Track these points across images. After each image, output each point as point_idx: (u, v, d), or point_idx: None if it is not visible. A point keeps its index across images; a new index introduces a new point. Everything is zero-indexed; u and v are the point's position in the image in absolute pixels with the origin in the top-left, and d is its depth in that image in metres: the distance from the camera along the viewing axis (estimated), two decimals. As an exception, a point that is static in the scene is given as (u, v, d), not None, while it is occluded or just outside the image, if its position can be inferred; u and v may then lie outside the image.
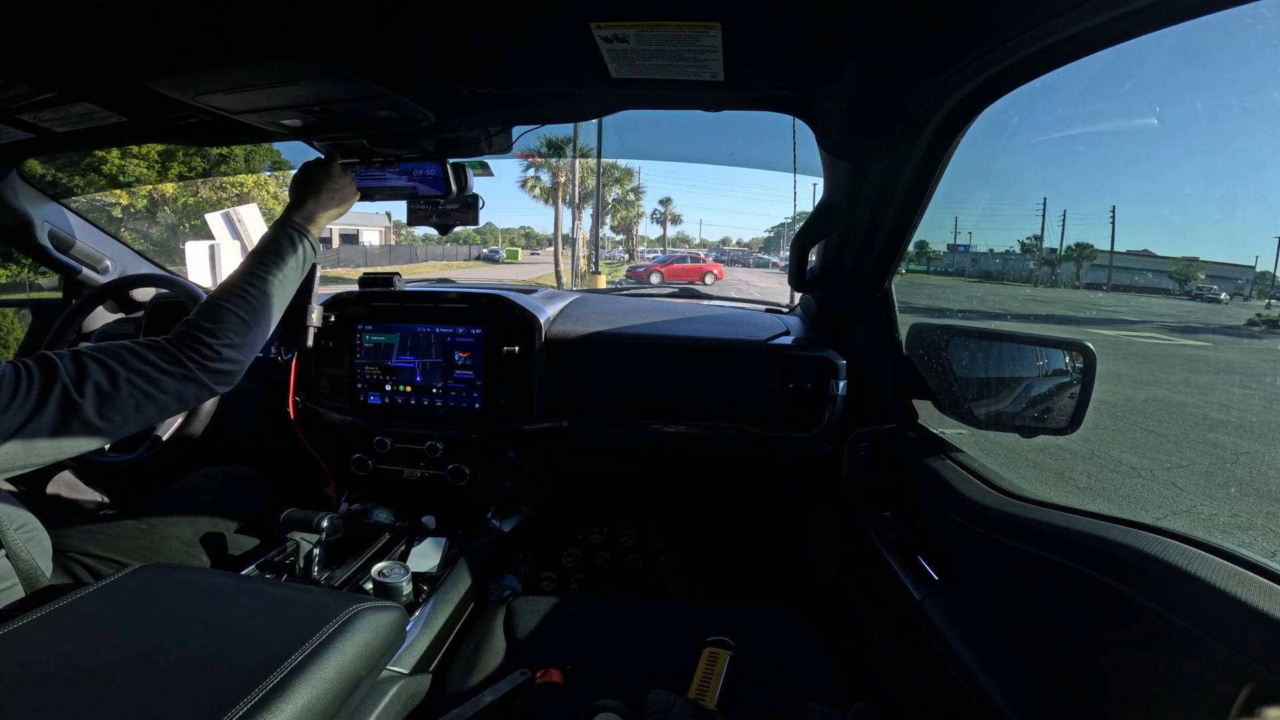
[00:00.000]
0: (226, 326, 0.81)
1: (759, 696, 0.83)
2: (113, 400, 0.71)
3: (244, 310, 0.83)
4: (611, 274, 22.21)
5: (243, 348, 0.83)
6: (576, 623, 0.98)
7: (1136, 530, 0.61)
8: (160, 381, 0.75)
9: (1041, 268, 20.16)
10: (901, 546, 1.00)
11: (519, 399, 1.31)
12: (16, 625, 0.68)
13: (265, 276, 0.88)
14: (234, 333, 0.81)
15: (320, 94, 0.85)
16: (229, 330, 0.81)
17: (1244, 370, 6.92)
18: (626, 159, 42.86)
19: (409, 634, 0.94)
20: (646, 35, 0.69)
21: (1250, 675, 0.45)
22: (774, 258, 36.23)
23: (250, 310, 0.84)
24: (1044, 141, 42.57)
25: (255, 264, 0.88)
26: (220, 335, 0.80)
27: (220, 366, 0.80)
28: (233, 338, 0.81)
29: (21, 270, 10.13)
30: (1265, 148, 21.30)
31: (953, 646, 0.74)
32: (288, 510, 1.12)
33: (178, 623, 0.72)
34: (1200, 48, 28.60)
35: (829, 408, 1.23)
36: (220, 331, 0.80)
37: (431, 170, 1.09)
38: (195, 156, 12.16)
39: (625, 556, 1.68)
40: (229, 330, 0.81)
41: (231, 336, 0.81)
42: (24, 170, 1.38)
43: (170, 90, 0.83)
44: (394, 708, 0.82)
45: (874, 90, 0.77)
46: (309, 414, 1.39)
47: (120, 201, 12.63)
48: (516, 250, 41.89)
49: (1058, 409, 0.94)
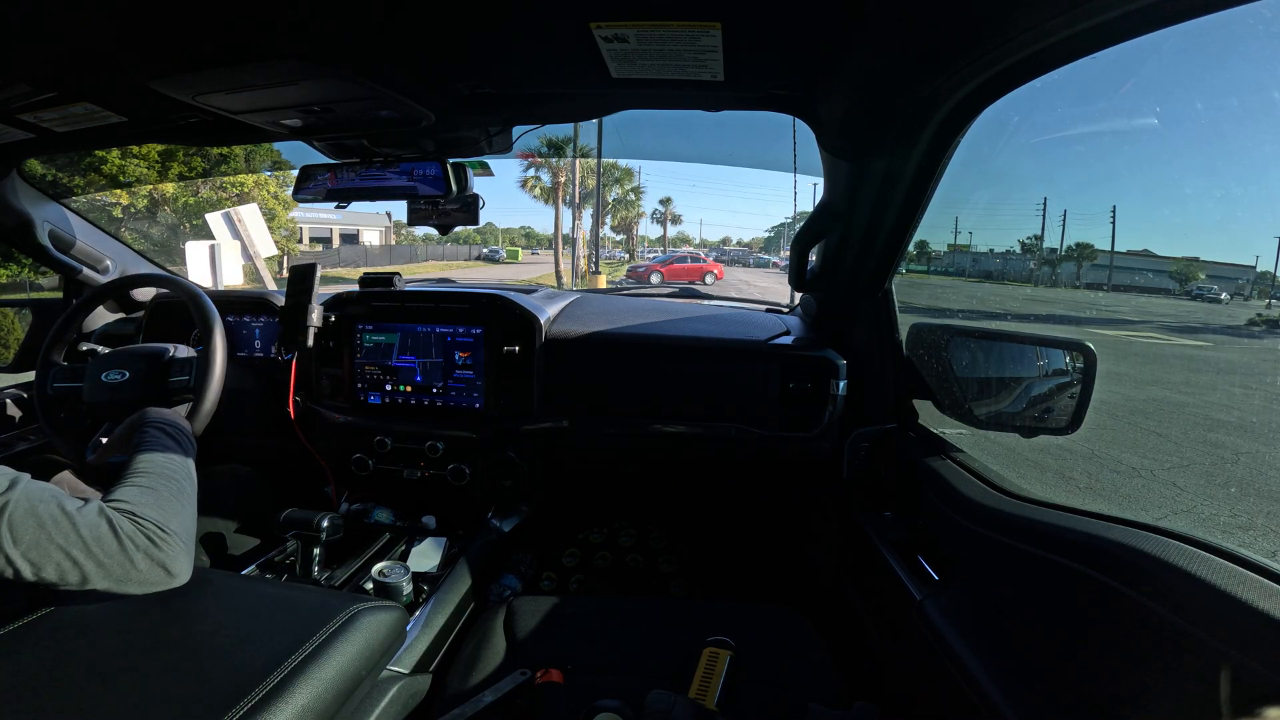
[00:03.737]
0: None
1: (759, 696, 0.83)
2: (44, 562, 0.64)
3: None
4: (612, 274, 22.21)
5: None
6: (576, 623, 0.98)
7: (1137, 530, 0.61)
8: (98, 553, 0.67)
9: (1042, 268, 20.15)
10: (902, 546, 1.00)
11: (519, 399, 1.31)
12: (16, 626, 0.68)
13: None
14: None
15: (321, 94, 0.86)
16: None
17: (1244, 370, 6.91)
18: (626, 159, 42.85)
19: (409, 634, 0.94)
20: (647, 35, 0.69)
21: (1250, 675, 0.45)
22: (774, 257, 36.24)
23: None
24: (1044, 141, 42.51)
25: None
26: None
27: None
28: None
29: (22, 270, 10.14)
30: (1266, 148, 21.32)
31: (953, 646, 0.74)
32: (288, 510, 1.12)
33: (178, 623, 0.72)
34: (1200, 48, 28.64)
35: (829, 408, 1.23)
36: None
37: (431, 170, 1.09)
38: (195, 156, 12.16)
39: (625, 556, 1.68)
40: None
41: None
42: (24, 170, 1.38)
43: (171, 90, 0.83)
44: (394, 708, 0.81)
45: (874, 90, 0.77)
46: (309, 414, 1.39)
47: (120, 201, 12.63)
48: (517, 250, 41.90)
49: (1058, 409, 0.94)
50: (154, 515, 0.73)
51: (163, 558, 0.71)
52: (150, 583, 0.71)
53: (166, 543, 0.72)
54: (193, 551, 0.77)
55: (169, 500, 0.77)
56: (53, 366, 1.25)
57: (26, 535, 0.63)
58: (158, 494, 0.77)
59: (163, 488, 0.79)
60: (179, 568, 0.73)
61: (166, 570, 0.72)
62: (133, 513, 0.72)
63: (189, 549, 0.76)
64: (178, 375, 1.19)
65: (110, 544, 0.67)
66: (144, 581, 0.70)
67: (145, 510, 0.73)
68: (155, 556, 0.71)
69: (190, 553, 0.76)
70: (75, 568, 0.65)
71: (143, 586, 0.71)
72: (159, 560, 0.71)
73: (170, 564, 0.72)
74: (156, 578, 0.71)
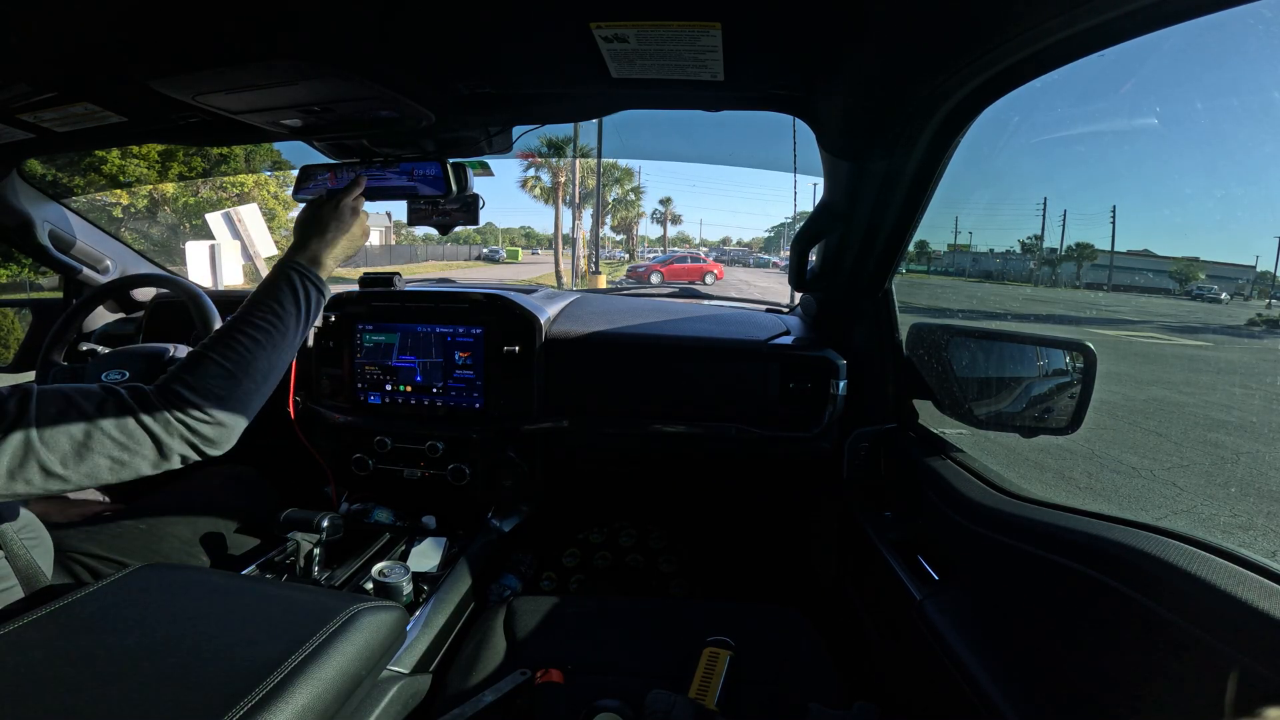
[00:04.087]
0: (209, 381, 0.72)
1: (759, 696, 0.83)
2: (83, 458, 0.65)
3: (230, 361, 0.74)
4: (612, 274, 22.21)
5: (228, 403, 0.72)
6: (576, 623, 0.98)
7: (1137, 530, 0.61)
8: (140, 448, 0.68)
9: (1042, 267, 20.15)
10: (902, 546, 1.00)
11: (519, 399, 1.31)
12: (16, 625, 0.68)
13: (257, 323, 0.78)
14: (216, 389, 0.72)
15: (321, 94, 0.85)
16: (211, 386, 0.72)
17: (1244, 370, 6.91)
18: (626, 159, 42.92)
19: (409, 634, 0.94)
20: (647, 35, 0.69)
21: (1250, 675, 0.45)
22: (774, 257, 36.25)
23: (237, 361, 0.74)
24: (1044, 141, 42.52)
25: (249, 309, 0.79)
26: (201, 392, 0.71)
27: (204, 430, 0.71)
28: (216, 392, 0.72)
29: (22, 270, 10.15)
30: (1266, 148, 21.33)
31: (953, 646, 0.74)
32: (288, 510, 1.12)
33: (178, 623, 0.72)
34: (1200, 48, 28.60)
35: (829, 408, 1.23)
36: (201, 387, 0.71)
37: (431, 170, 1.09)
38: (195, 156, 12.17)
39: (625, 556, 1.68)
40: (211, 386, 0.72)
41: (214, 391, 0.72)
42: (24, 170, 1.38)
43: (171, 90, 0.83)
44: (394, 708, 0.81)
45: (874, 90, 0.77)
46: (309, 414, 1.39)
47: (121, 201, 12.64)
48: (517, 250, 41.91)
49: (1058, 409, 0.94)
50: (192, 387, 0.71)
51: (193, 438, 0.71)
52: (189, 458, 0.72)
53: (204, 418, 0.71)
54: (245, 414, 0.76)
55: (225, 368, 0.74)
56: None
57: (60, 449, 0.64)
58: (219, 364, 0.74)
59: (232, 348, 0.76)
60: (215, 442, 0.73)
61: (200, 448, 0.72)
62: (170, 387, 0.71)
63: (235, 416, 0.74)
64: (178, 375, 1.19)
65: (137, 433, 0.68)
66: (186, 459, 0.72)
67: (183, 380, 0.72)
68: (186, 438, 0.71)
69: (240, 417, 0.75)
70: (115, 465, 0.67)
71: (185, 462, 0.72)
72: (190, 440, 0.71)
73: (202, 444, 0.72)
74: (194, 457, 0.73)
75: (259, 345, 0.77)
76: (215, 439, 0.73)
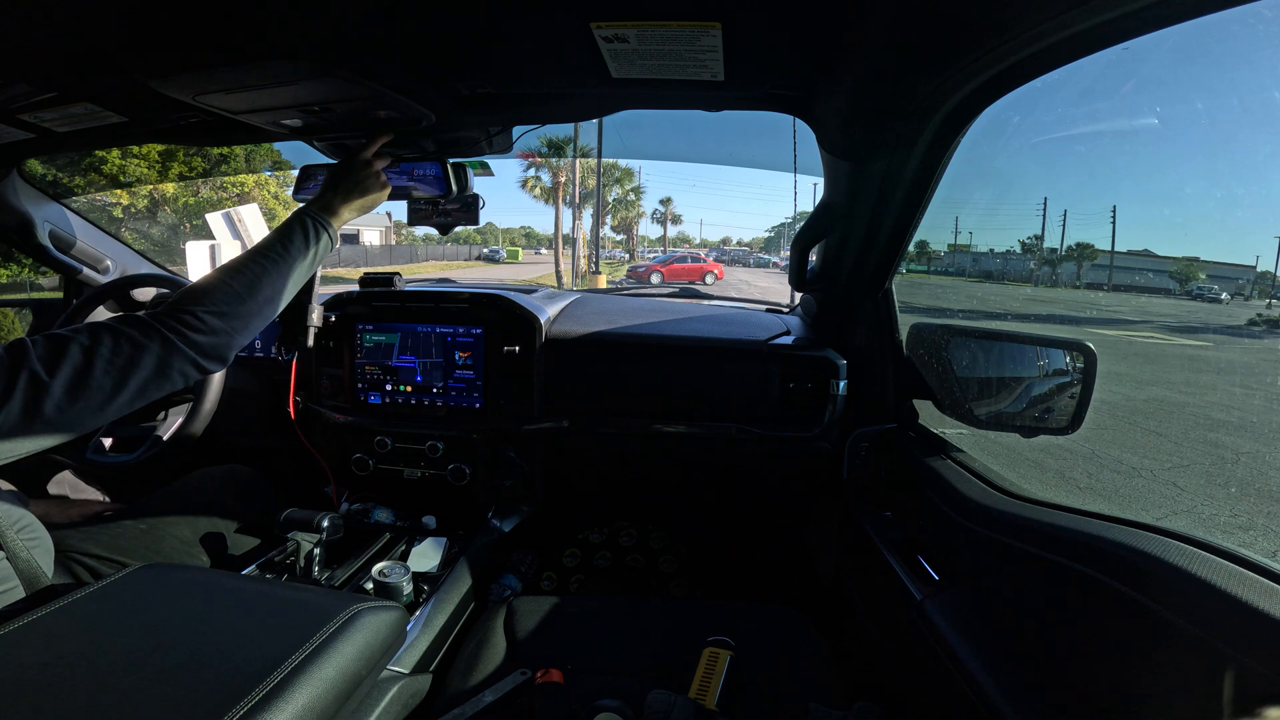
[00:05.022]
0: (215, 295, 0.75)
1: (759, 696, 0.83)
2: (87, 380, 0.66)
3: (237, 282, 0.78)
4: (612, 274, 22.21)
5: (232, 318, 0.76)
6: (576, 623, 0.98)
7: (1137, 530, 0.61)
8: (139, 356, 0.69)
9: (1042, 267, 20.15)
10: (902, 546, 1.00)
11: (519, 399, 1.31)
12: (17, 625, 0.68)
13: (268, 254, 0.83)
14: (223, 302, 0.75)
15: (321, 94, 0.85)
16: (217, 299, 0.75)
17: (1245, 370, 6.91)
18: (627, 159, 42.91)
19: (409, 634, 0.94)
20: (647, 35, 0.69)
21: (1250, 675, 0.45)
22: (774, 257, 36.23)
23: (245, 283, 0.78)
24: (1044, 141, 42.55)
25: (261, 244, 0.84)
26: (206, 303, 0.74)
27: (204, 339, 0.73)
28: (221, 306, 0.75)
29: (22, 270, 10.13)
30: (1266, 148, 21.34)
31: (953, 646, 0.74)
32: (288, 510, 1.12)
33: (178, 623, 0.72)
34: (1200, 48, 28.60)
35: (829, 408, 1.23)
36: (208, 300, 0.74)
37: (432, 170, 1.09)
38: (196, 156, 12.17)
39: (626, 556, 1.68)
40: (217, 299, 0.75)
41: (220, 305, 0.75)
42: (24, 170, 1.38)
43: (171, 90, 0.83)
44: (394, 708, 0.82)
45: (874, 90, 0.77)
46: (309, 414, 1.39)
47: (121, 201, 12.63)
48: (517, 250, 41.90)
49: (1058, 409, 0.94)
50: (197, 300, 0.74)
51: (192, 351, 0.72)
52: (189, 375, 0.74)
53: (203, 328, 0.73)
54: (245, 332, 0.78)
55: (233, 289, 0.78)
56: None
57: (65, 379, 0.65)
58: (227, 284, 0.78)
59: (240, 273, 0.80)
60: (211, 354, 0.74)
61: (199, 362, 0.73)
62: (176, 302, 0.74)
63: (233, 333, 0.76)
64: (178, 375, 1.19)
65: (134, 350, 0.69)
66: (186, 375, 0.73)
67: (190, 295, 0.75)
68: (186, 353, 0.72)
69: (238, 335, 0.77)
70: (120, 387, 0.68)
71: (185, 378, 0.73)
72: (190, 357, 0.72)
73: (200, 356, 0.73)
74: (192, 372, 0.74)
75: (265, 272, 0.81)
76: (212, 351, 0.75)
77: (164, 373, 0.71)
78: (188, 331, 0.72)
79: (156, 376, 0.71)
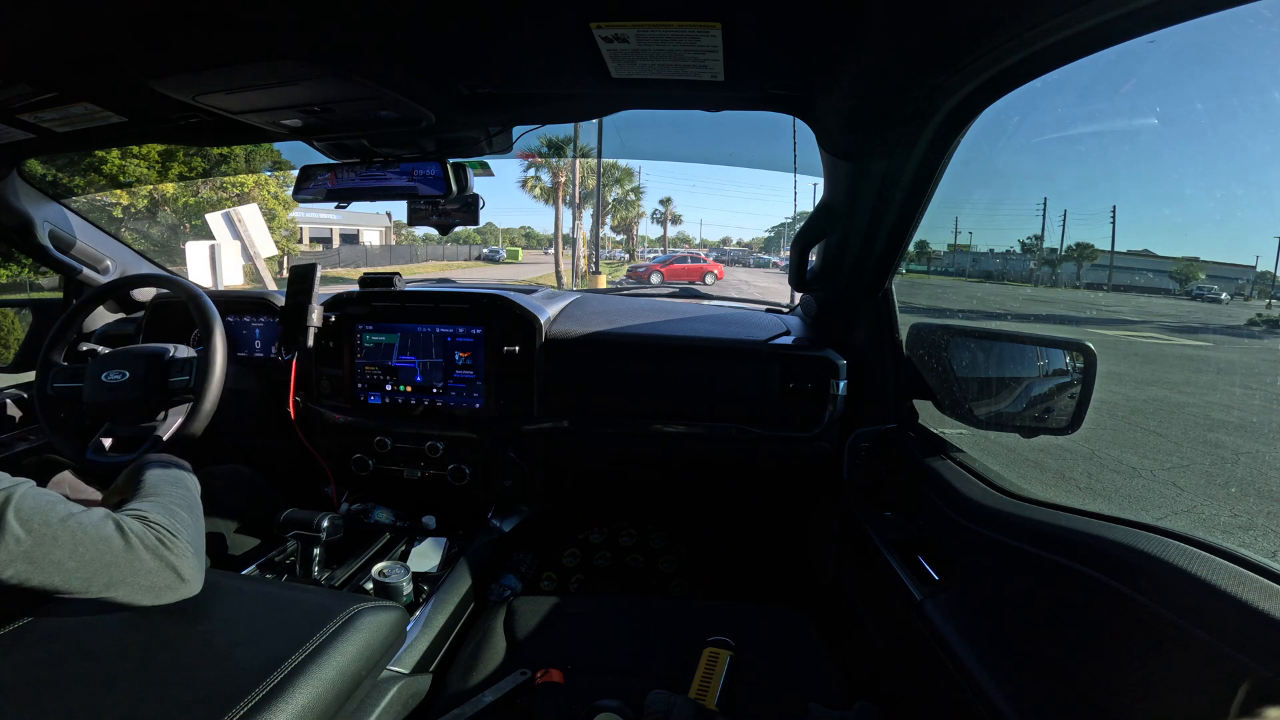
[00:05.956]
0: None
1: (759, 696, 0.83)
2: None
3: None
4: (612, 274, 22.18)
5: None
6: (576, 623, 0.98)
7: (1137, 530, 0.61)
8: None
9: (1042, 267, 20.14)
10: (902, 546, 1.00)
11: (519, 399, 1.31)
12: (17, 626, 0.68)
13: None
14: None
15: (321, 94, 0.86)
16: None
17: (1244, 370, 6.90)
18: (627, 159, 42.86)
19: (409, 634, 0.94)
20: (647, 35, 0.69)
21: (1250, 675, 0.45)
22: (774, 258, 36.19)
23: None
24: (1044, 141, 42.48)
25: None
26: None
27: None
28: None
29: (22, 270, 10.14)
30: (1266, 148, 21.32)
31: (953, 646, 0.74)
32: (288, 510, 1.12)
33: (178, 623, 0.72)
34: (1200, 48, 28.59)
35: (829, 408, 1.23)
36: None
37: (431, 170, 1.09)
38: (195, 156, 12.17)
39: (625, 556, 1.68)
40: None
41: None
42: (24, 170, 1.38)
43: (171, 90, 0.83)
44: (394, 708, 0.82)
45: (874, 90, 0.77)
46: (309, 414, 1.39)
47: (121, 201, 12.63)
48: (517, 250, 41.86)
49: (1058, 409, 0.94)
50: (163, 520, 0.73)
51: (171, 559, 0.71)
52: (160, 587, 0.70)
53: (176, 545, 0.72)
54: (203, 561, 0.77)
55: (177, 509, 0.77)
56: (53, 367, 1.25)
57: (34, 528, 0.62)
58: (165, 504, 0.77)
59: (170, 497, 0.79)
60: (189, 571, 0.72)
61: (176, 572, 0.71)
62: (143, 516, 0.72)
63: (199, 557, 0.75)
64: (178, 375, 1.19)
65: (116, 542, 0.67)
66: (153, 586, 0.69)
67: (154, 515, 0.73)
68: (164, 557, 0.70)
69: (201, 562, 0.76)
70: (81, 569, 0.64)
71: (153, 592, 0.70)
72: (168, 561, 0.70)
73: (179, 565, 0.71)
74: (165, 580, 0.70)
75: None
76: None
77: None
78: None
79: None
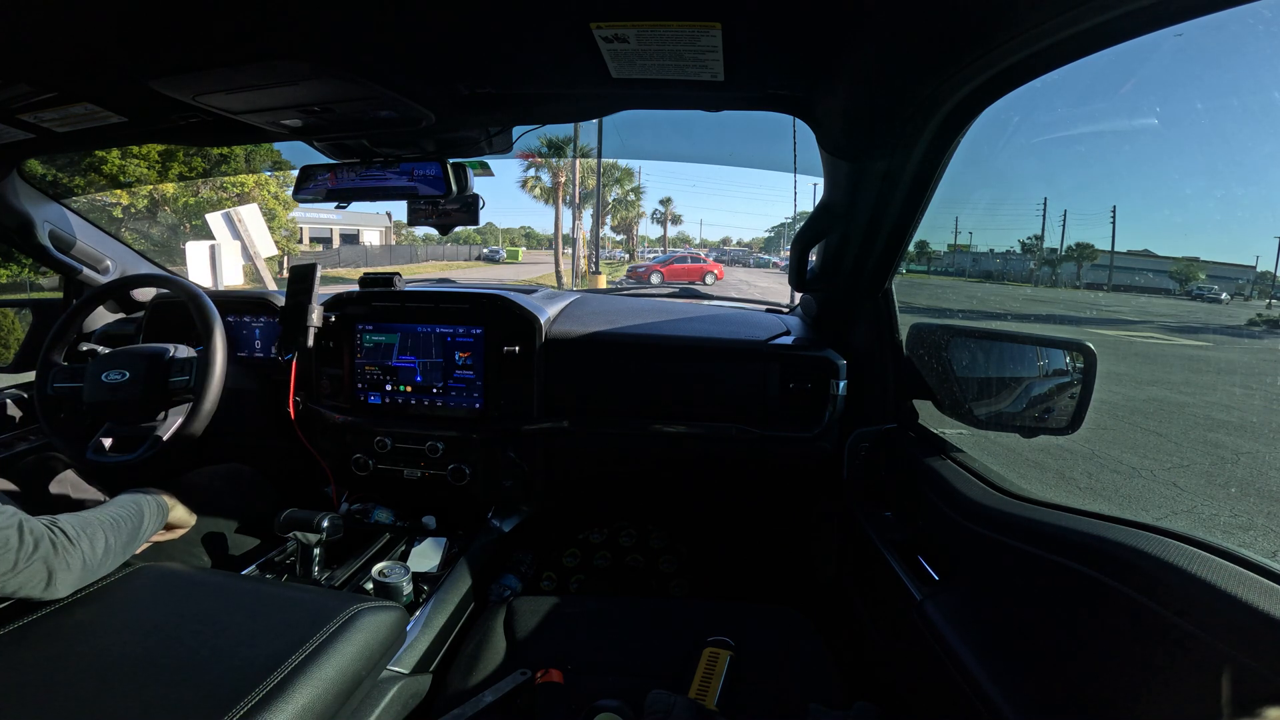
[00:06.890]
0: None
1: (759, 696, 0.83)
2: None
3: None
4: (612, 274, 22.19)
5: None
6: (576, 623, 0.98)
7: (1137, 530, 0.61)
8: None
9: (1042, 267, 20.14)
10: (902, 546, 1.00)
11: (519, 399, 1.31)
12: (17, 626, 0.68)
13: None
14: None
15: (321, 94, 0.86)
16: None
17: (1245, 370, 6.90)
18: (627, 159, 42.89)
19: (409, 634, 0.94)
20: (647, 35, 0.69)
21: (1250, 675, 0.45)
22: (774, 258, 36.18)
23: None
24: (1044, 141, 42.52)
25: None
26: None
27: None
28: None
29: (22, 270, 10.14)
30: (1266, 148, 21.34)
31: (953, 646, 0.74)
32: (288, 510, 1.12)
33: (178, 623, 0.72)
34: (1200, 48, 28.60)
35: (829, 408, 1.23)
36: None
37: (432, 170, 1.09)
38: (196, 156, 12.16)
39: (625, 556, 1.68)
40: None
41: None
42: (24, 170, 1.38)
43: (171, 90, 0.83)
44: (394, 708, 0.82)
45: (874, 90, 0.77)
46: (309, 414, 1.39)
47: (121, 201, 12.63)
48: (517, 250, 41.83)
49: (1058, 409, 0.94)
50: (69, 527, 0.74)
51: (53, 562, 0.71)
52: (29, 584, 0.70)
53: (67, 551, 0.72)
54: (92, 576, 0.77)
55: (97, 525, 0.79)
56: (53, 367, 1.25)
57: None
58: (92, 517, 0.79)
59: (104, 512, 0.82)
60: (61, 578, 0.72)
61: (49, 573, 0.71)
62: (54, 520, 0.74)
63: (88, 571, 0.76)
64: (178, 375, 1.19)
65: (13, 540, 0.67)
66: (24, 584, 0.69)
67: (65, 521, 0.75)
68: (47, 559, 0.70)
69: (87, 575, 0.76)
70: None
71: (24, 589, 0.69)
72: (48, 563, 0.70)
73: (55, 569, 0.71)
74: (36, 578, 0.70)
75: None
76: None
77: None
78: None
79: None
